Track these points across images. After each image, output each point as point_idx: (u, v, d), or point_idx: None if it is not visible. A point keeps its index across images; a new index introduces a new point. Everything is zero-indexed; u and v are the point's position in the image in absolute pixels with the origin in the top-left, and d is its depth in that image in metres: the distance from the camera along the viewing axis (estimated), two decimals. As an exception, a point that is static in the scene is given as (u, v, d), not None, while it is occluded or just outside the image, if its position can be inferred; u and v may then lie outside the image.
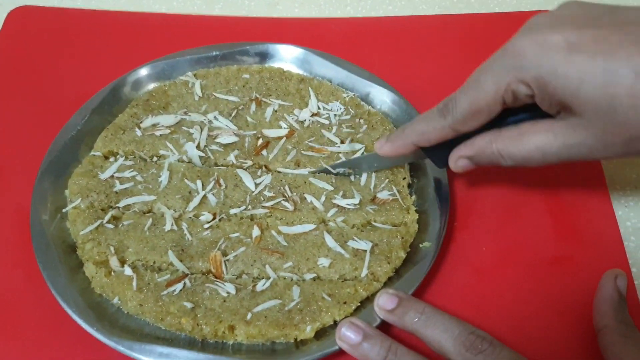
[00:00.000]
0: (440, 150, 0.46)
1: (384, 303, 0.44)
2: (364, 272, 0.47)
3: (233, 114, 0.57)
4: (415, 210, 0.51)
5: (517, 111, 0.42)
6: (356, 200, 0.51)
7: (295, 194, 0.51)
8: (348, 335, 0.42)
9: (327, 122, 0.57)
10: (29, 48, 0.64)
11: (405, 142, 0.47)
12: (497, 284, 0.50)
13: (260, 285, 0.46)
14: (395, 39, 0.66)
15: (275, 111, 0.57)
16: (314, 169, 0.53)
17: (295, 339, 0.44)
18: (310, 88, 0.59)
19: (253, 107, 0.57)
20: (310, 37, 0.65)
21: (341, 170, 0.53)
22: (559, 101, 0.38)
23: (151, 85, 0.58)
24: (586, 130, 0.38)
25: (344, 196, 0.51)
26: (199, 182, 0.51)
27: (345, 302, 0.45)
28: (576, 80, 0.36)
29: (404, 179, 0.53)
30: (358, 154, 0.54)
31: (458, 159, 0.45)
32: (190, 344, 0.44)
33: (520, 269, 0.50)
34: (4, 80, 0.61)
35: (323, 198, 0.51)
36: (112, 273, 0.46)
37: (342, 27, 0.67)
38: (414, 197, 0.53)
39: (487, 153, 0.43)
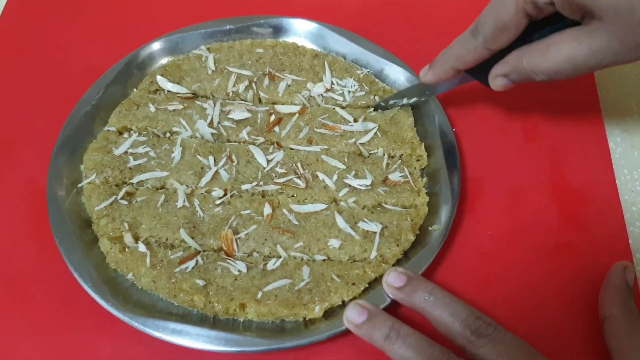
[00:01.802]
0: (483, 71, 0.47)
1: (393, 280, 0.44)
2: (373, 254, 0.47)
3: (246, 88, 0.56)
4: (426, 193, 0.51)
5: (545, 25, 0.42)
6: (368, 182, 0.51)
7: (307, 171, 0.52)
8: (353, 316, 0.43)
9: (340, 98, 0.56)
10: (38, 21, 0.63)
11: (445, 68, 0.48)
12: (502, 268, 0.50)
13: (271, 264, 0.47)
14: (410, 14, 0.65)
15: (289, 86, 0.57)
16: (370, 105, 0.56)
17: (304, 318, 0.45)
18: (325, 63, 0.58)
19: (266, 81, 0.57)
20: (323, 11, 0.63)
21: (394, 101, 0.55)
22: (579, 5, 0.39)
23: (164, 60, 0.58)
24: (609, 33, 0.38)
25: (356, 176, 0.51)
26: (211, 158, 0.51)
27: (353, 283, 0.46)
28: None
29: (418, 160, 0.53)
30: (371, 133, 0.53)
31: (495, 78, 0.47)
32: (202, 320, 0.45)
33: (525, 254, 0.51)
34: (14, 52, 0.61)
35: (335, 177, 0.51)
36: (127, 249, 0.47)
37: (356, 1, 0.66)
38: (425, 179, 0.52)
39: (519, 69, 0.44)
